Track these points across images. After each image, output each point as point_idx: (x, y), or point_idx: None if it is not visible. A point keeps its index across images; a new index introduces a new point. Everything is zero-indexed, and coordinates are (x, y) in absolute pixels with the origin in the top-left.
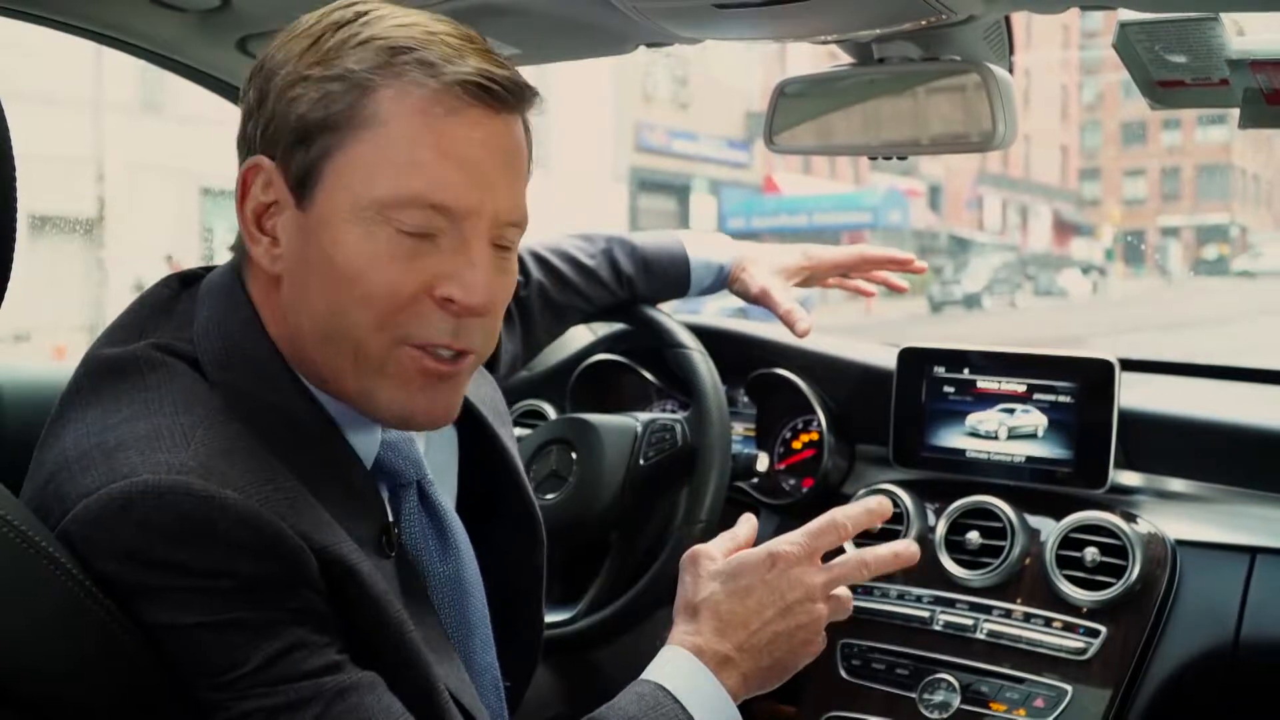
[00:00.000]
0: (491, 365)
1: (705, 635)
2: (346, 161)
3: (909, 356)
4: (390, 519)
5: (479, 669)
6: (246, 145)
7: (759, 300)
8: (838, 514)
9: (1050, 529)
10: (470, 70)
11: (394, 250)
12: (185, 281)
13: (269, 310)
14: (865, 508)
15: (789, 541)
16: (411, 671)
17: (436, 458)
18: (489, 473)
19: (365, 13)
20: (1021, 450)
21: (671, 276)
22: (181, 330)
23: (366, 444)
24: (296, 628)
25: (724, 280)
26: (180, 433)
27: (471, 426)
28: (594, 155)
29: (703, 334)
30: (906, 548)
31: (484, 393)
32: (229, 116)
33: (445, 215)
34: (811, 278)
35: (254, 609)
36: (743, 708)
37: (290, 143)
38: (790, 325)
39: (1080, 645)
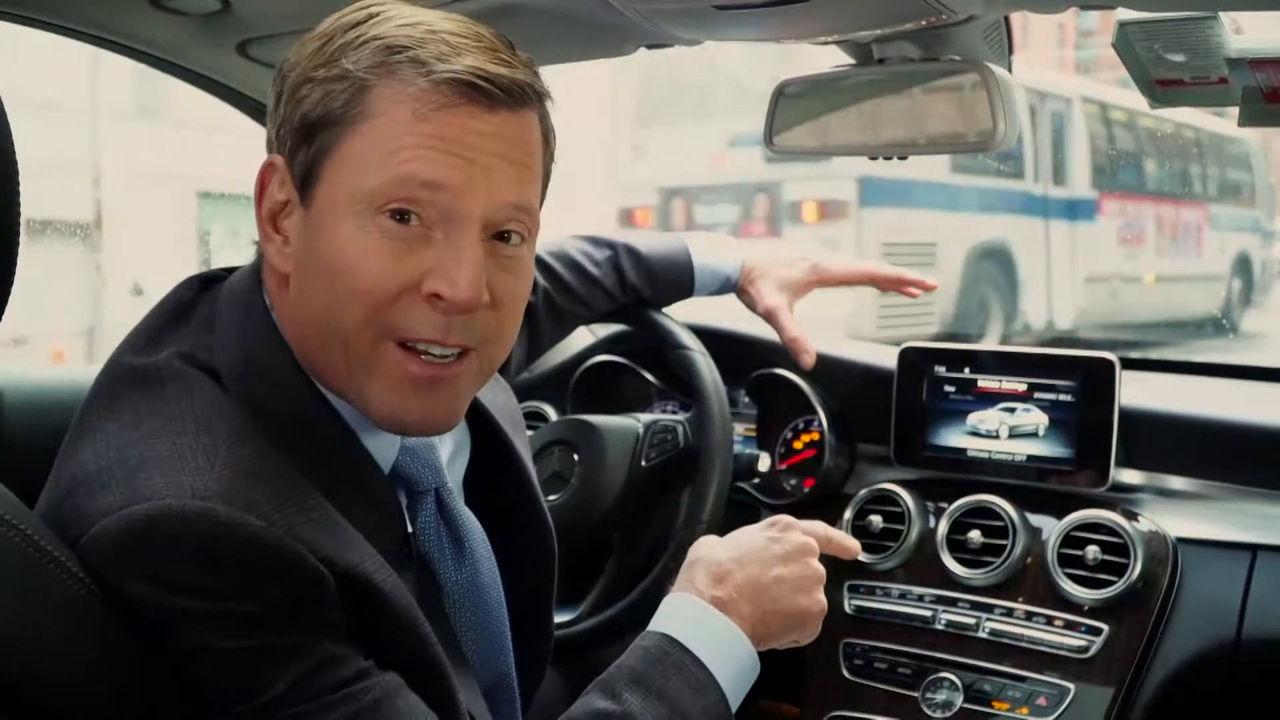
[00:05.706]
0: (501, 368)
1: (699, 583)
2: (343, 157)
3: (910, 356)
4: (409, 529)
5: (498, 676)
6: (268, 147)
7: (765, 317)
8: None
9: (1052, 527)
10: (461, 68)
11: (385, 245)
12: (205, 283)
13: (282, 312)
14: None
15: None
16: (431, 683)
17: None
18: (502, 481)
19: (377, 14)
20: (1023, 449)
21: (676, 284)
22: (199, 336)
23: (385, 449)
24: (324, 643)
25: (730, 288)
26: (204, 453)
27: (486, 432)
28: (595, 161)
29: (703, 334)
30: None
31: (500, 400)
32: (226, 120)
33: (433, 193)
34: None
35: (280, 633)
36: (744, 708)
37: (296, 141)
38: (795, 355)
39: (1082, 643)
